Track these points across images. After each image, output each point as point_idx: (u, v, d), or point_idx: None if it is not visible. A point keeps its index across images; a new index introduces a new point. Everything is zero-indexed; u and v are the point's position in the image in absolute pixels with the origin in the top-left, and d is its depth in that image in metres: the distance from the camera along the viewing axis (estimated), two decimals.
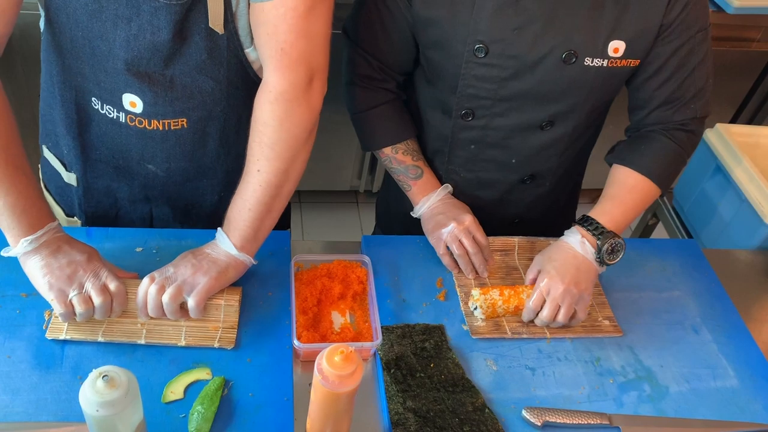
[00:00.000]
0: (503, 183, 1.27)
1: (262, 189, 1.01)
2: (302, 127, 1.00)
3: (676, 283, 1.24)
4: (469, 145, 1.22)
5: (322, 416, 0.88)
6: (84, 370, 0.96)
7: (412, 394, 0.99)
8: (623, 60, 1.09)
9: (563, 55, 1.07)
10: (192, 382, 0.96)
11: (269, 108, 0.99)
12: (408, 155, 1.24)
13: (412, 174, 1.23)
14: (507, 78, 1.10)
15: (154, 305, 0.98)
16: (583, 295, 1.09)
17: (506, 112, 1.15)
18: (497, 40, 1.07)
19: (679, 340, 1.14)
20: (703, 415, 1.04)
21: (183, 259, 1.02)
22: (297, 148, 1.01)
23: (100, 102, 1.07)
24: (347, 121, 1.29)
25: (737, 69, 2.45)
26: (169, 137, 1.09)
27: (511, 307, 1.10)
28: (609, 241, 1.10)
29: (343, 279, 1.13)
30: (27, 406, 0.91)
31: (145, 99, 1.04)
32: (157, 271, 1.00)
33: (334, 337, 1.06)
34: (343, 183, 2.63)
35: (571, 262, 1.10)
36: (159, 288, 0.98)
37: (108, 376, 0.74)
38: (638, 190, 1.16)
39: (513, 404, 1.01)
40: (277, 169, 1.01)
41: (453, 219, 1.17)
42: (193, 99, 1.05)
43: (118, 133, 1.10)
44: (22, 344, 0.98)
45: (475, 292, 1.11)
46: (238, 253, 1.02)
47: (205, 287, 0.99)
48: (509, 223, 1.34)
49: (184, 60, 1.01)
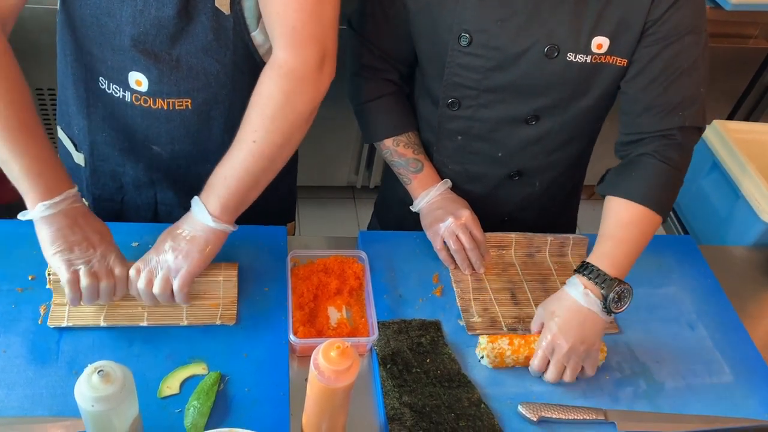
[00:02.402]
0: (491, 177, 1.26)
1: (254, 159, 0.99)
2: (307, 106, 1.00)
3: (672, 279, 1.25)
4: (456, 136, 1.22)
5: (319, 411, 0.88)
6: (80, 365, 0.95)
7: (408, 389, 0.99)
8: (607, 56, 1.07)
9: (545, 49, 1.06)
10: (188, 377, 0.96)
11: (278, 81, 0.98)
12: (409, 148, 1.24)
13: (412, 167, 1.23)
14: (491, 69, 1.10)
15: (147, 298, 0.99)
16: (590, 352, 1.02)
17: (491, 103, 1.15)
18: (481, 30, 1.07)
19: (675, 336, 1.15)
20: (698, 411, 1.04)
21: (162, 243, 1.00)
22: (297, 126, 1.01)
23: (107, 81, 1.08)
24: (345, 117, 1.30)
25: (734, 65, 2.45)
26: (174, 117, 1.10)
27: (521, 357, 1.03)
28: (615, 289, 1.02)
29: (340, 274, 1.13)
30: (22, 401, 0.91)
31: (151, 77, 1.04)
32: (141, 260, 1.00)
33: (330, 332, 1.06)
34: (340, 178, 2.63)
35: (575, 318, 1.02)
36: (147, 282, 0.98)
37: (103, 371, 0.74)
38: (637, 223, 1.07)
39: (509, 399, 1.01)
40: (273, 143, 0.99)
41: (451, 214, 1.16)
42: (198, 80, 1.06)
43: (124, 112, 1.10)
44: (17, 339, 0.98)
45: (482, 340, 1.04)
46: (216, 224, 1.00)
47: (187, 273, 0.98)
48: (499, 221, 1.33)
49: (191, 40, 1.01)
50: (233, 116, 1.13)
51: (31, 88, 2.03)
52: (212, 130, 1.14)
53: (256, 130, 0.99)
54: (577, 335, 1.01)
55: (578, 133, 1.21)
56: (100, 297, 0.97)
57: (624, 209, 1.09)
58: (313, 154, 2.44)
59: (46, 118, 2.16)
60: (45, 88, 2.07)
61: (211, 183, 1.01)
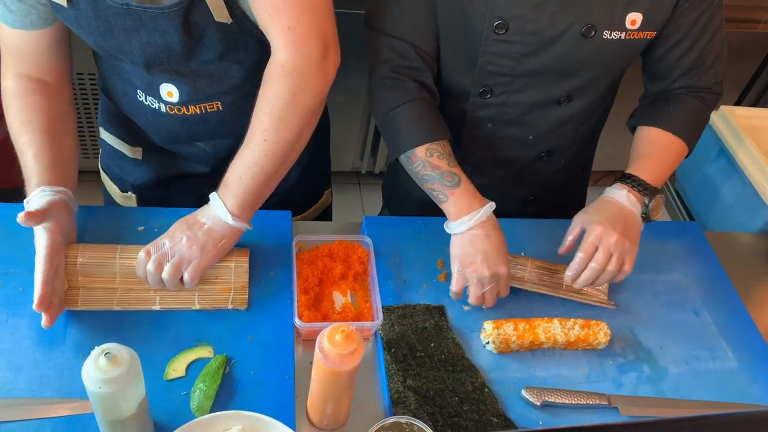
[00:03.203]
0: (519, 160, 1.26)
1: (267, 158, 0.99)
2: (314, 100, 1.00)
3: (677, 265, 1.24)
4: (487, 124, 1.21)
5: (323, 394, 0.88)
6: (87, 348, 0.96)
7: (413, 373, 0.99)
8: (640, 32, 1.09)
9: (582, 29, 1.06)
10: (194, 360, 0.97)
11: (282, 82, 0.97)
12: (444, 159, 1.09)
13: (448, 181, 1.08)
14: (526, 54, 1.09)
15: (153, 281, 0.99)
16: (631, 248, 1.05)
17: (525, 88, 1.14)
18: (516, 16, 1.05)
19: (679, 322, 1.15)
20: (701, 397, 1.04)
21: (178, 230, 1.00)
22: (306, 121, 1.00)
23: (144, 94, 1.11)
24: (350, 102, 1.28)
25: (743, 50, 2.42)
26: (208, 119, 1.13)
27: (525, 342, 1.04)
28: (655, 197, 1.09)
29: (345, 259, 1.13)
30: (30, 383, 0.92)
31: (180, 89, 1.07)
32: (152, 244, 1.00)
33: (335, 316, 1.07)
34: (345, 164, 2.63)
35: (618, 215, 1.07)
36: (157, 265, 0.98)
37: (110, 353, 0.75)
38: (672, 149, 1.16)
39: (512, 384, 1.02)
40: (284, 141, 0.99)
41: (488, 267, 1.04)
42: (223, 83, 1.08)
43: (162, 121, 1.15)
44: (25, 321, 0.98)
45: (487, 326, 1.05)
46: (234, 222, 1.01)
47: (201, 264, 0.99)
48: (524, 201, 1.34)
49: (203, 55, 1.03)
50: None
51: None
52: (247, 122, 1.13)
53: (266, 130, 0.98)
54: (623, 228, 1.05)
55: (601, 105, 1.24)
56: None
57: (660, 136, 1.16)
58: None
59: (86, 102, 2.16)
60: (85, 73, 2.07)
61: (227, 182, 1.01)
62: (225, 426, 0.86)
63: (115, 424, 0.81)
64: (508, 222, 1.25)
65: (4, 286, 1.02)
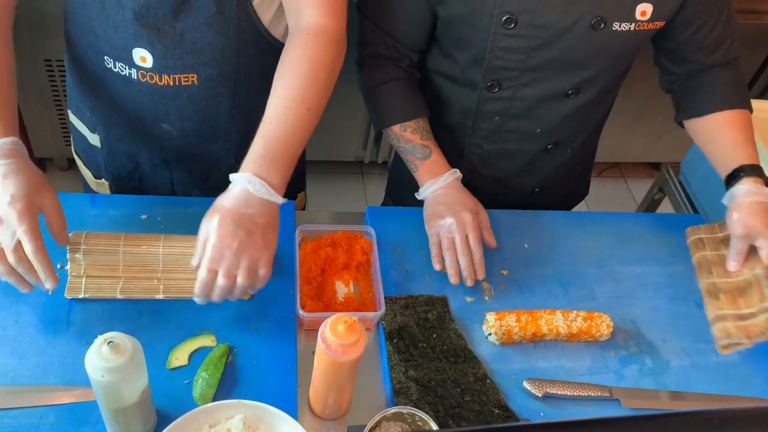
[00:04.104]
0: (527, 152, 1.26)
1: (310, 128, 0.98)
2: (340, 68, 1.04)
3: (681, 257, 1.24)
4: (494, 117, 1.20)
5: (325, 384, 0.89)
6: (90, 335, 0.96)
7: (414, 363, 1.00)
8: (650, 23, 1.09)
9: (592, 21, 1.06)
10: (197, 349, 0.97)
11: (327, 48, 0.99)
12: (417, 134, 1.18)
13: (419, 154, 1.18)
14: (535, 48, 1.09)
15: (223, 295, 0.91)
16: None
17: (533, 82, 1.14)
18: (525, 9, 1.05)
19: (682, 315, 1.15)
20: (703, 389, 1.04)
21: (228, 234, 0.88)
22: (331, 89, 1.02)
23: (112, 60, 1.07)
24: (353, 92, 1.28)
25: (749, 42, 2.40)
26: (180, 94, 1.09)
27: (528, 333, 1.04)
28: None
29: (347, 249, 1.13)
30: (34, 370, 0.92)
31: (155, 53, 1.04)
32: (208, 259, 0.88)
33: (337, 306, 1.07)
34: (348, 153, 2.62)
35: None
36: (228, 278, 0.89)
37: (113, 342, 0.75)
38: (748, 123, 1.18)
39: (514, 375, 1.02)
40: (321, 108, 0.99)
41: (453, 213, 1.10)
42: (204, 54, 1.05)
43: (131, 90, 1.10)
44: (28, 308, 0.99)
45: (490, 317, 1.05)
46: (280, 200, 0.93)
47: (270, 256, 0.92)
48: (530, 192, 1.34)
49: (194, 13, 1.00)
50: (240, 91, 1.13)
51: (39, 59, 2.03)
52: (220, 106, 1.13)
53: (311, 98, 0.97)
54: None
55: (609, 97, 1.25)
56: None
57: (731, 117, 1.18)
58: (321, 129, 2.41)
59: (55, 90, 2.15)
60: (53, 60, 2.06)
61: (268, 155, 0.93)
62: (227, 415, 0.86)
63: (117, 412, 0.81)
64: (511, 213, 1.25)
65: None
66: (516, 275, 1.16)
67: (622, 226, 1.28)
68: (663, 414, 0.81)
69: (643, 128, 2.64)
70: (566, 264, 1.19)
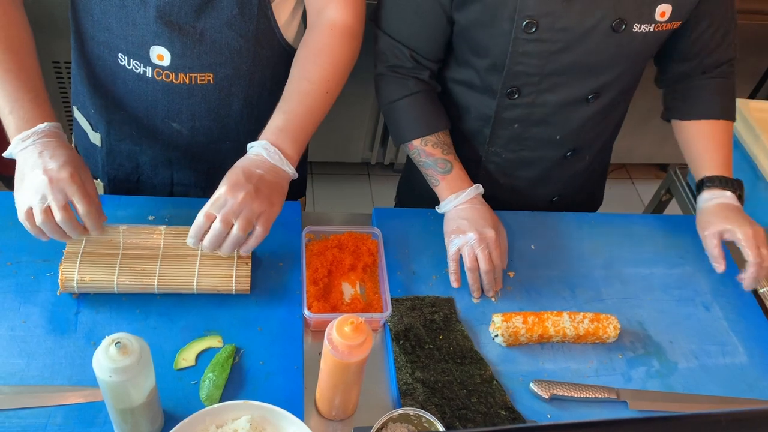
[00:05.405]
0: (545, 160, 1.25)
1: (326, 110, 1.05)
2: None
3: (688, 259, 1.24)
4: (513, 125, 1.20)
5: (332, 385, 0.89)
6: (97, 336, 0.97)
7: (421, 365, 1.00)
8: (668, 24, 1.09)
9: (612, 23, 1.06)
10: (203, 350, 0.97)
11: (347, 41, 1.07)
12: (438, 148, 1.16)
13: (440, 168, 1.16)
14: (556, 52, 1.08)
15: (215, 238, 0.94)
16: None
17: (553, 87, 1.14)
18: (546, 13, 1.04)
19: (690, 317, 1.14)
20: (711, 392, 1.04)
21: (236, 185, 0.94)
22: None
23: (127, 57, 1.08)
24: (359, 93, 1.28)
25: (757, 43, 2.39)
26: (195, 92, 1.11)
27: (534, 335, 1.04)
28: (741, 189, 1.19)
29: (354, 250, 1.13)
30: (42, 370, 0.93)
31: (174, 50, 1.05)
32: (211, 204, 0.93)
33: (344, 307, 1.07)
34: (354, 155, 2.62)
35: (740, 211, 1.16)
36: (225, 223, 0.93)
37: (120, 343, 0.75)
38: (727, 134, 1.22)
39: (521, 377, 1.01)
40: (335, 97, 1.07)
41: (475, 229, 1.09)
42: (222, 54, 1.07)
43: (144, 88, 1.11)
44: (36, 309, 0.99)
45: (496, 318, 1.05)
46: (291, 170, 0.99)
47: (272, 215, 0.96)
48: (548, 201, 1.33)
49: (216, 13, 1.02)
50: (253, 92, 1.14)
51: (47, 61, 2.04)
52: (232, 105, 1.14)
53: (330, 83, 1.05)
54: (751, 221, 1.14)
55: (626, 99, 1.25)
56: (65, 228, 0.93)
57: (711, 126, 1.22)
58: (328, 131, 2.43)
59: (64, 91, 2.17)
60: (62, 62, 2.08)
61: (285, 128, 1.00)
62: (234, 415, 0.86)
63: (125, 412, 0.81)
64: (518, 215, 1.25)
65: (17, 274, 1.03)
66: (523, 277, 1.16)
67: (629, 228, 1.28)
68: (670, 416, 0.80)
69: (650, 130, 2.63)
70: (573, 265, 1.19)
